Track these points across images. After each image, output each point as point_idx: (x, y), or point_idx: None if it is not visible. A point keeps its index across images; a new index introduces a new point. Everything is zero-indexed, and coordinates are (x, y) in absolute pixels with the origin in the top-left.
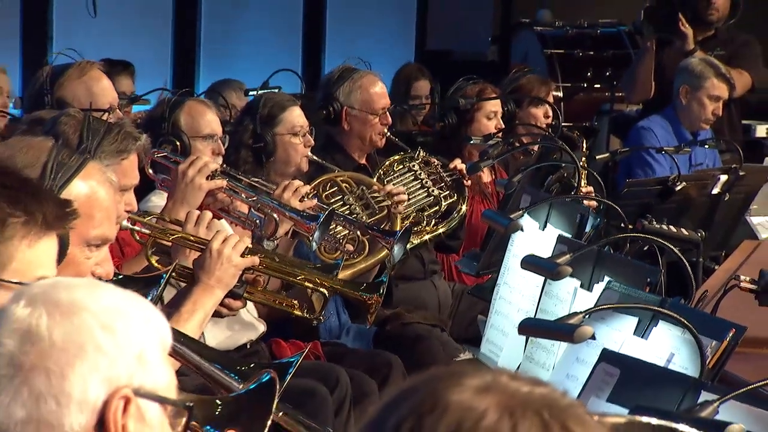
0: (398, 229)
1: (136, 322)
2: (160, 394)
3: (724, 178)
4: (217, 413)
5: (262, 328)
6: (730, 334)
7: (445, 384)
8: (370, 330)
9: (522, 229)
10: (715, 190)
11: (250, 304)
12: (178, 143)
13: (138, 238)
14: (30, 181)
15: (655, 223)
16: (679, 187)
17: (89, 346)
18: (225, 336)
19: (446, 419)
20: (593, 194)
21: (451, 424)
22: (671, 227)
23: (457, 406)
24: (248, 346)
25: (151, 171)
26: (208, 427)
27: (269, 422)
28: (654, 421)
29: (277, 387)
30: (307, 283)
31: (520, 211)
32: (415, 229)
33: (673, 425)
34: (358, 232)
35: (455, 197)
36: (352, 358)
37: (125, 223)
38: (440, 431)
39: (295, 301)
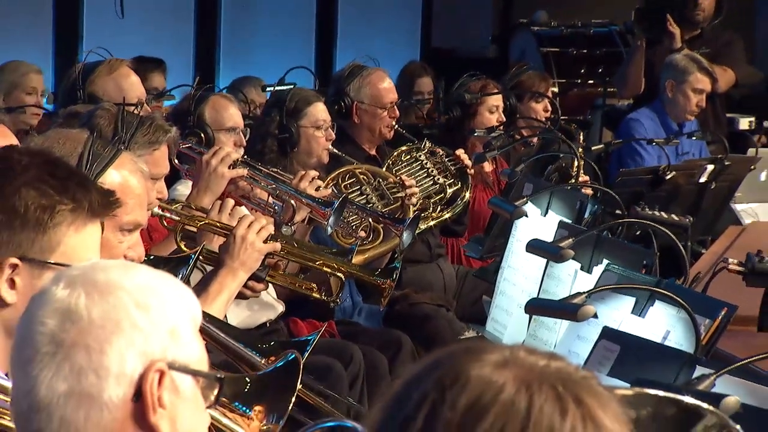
0: (409, 216)
1: (169, 300)
2: (192, 367)
3: (710, 167)
4: (246, 390)
5: (280, 308)
6: (722, 313)
7: (465, 359)
8: (381, 310)
9: (526, 215)
10: (702, 179)
11: (270, 286)
12: (202, 135)
13: (166, 224)
14: (77, 172)
15: (647, 209)
16: (668, 176)
17: (125, 323)
18: (246, 315)
19: (467, 392)
20: (589, 183)
21: (472, 397)
22: (662, 213)
23: (477, 380)
24: (267, 325)
25: (177, 161)
26: (237, 404)
27: (293, 399)
28: (660, 393)
29: (301, 366)
30: (325, 268)
31: (524, 199)
32: (422, 215)
33: (678, 397)
34: (371, 220)
35: (459, 185)
36: (365, 336)
37: (156, 210)
38: (461, 404)
39: (314, 285)
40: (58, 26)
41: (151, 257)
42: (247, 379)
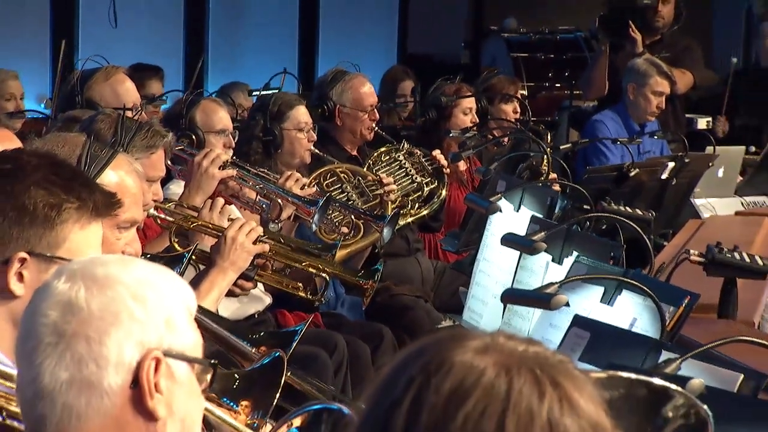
0: (388, 213)
1: (165, 291)
2: (187, 354)
3: (671, 165)
4: (234, 386)
5: (268, 300)
6: (686, 301)
7: (449, 346)
8: (363, 302)
9: (500, 211)
10: (664, 176)
11: None
12: (194, 137)
13: (160, 223)
14: (82, 173)
15: (612, 204)
16: (632, 173)
17: (123, 314)
18: (235, 307)
19: (451, 377)
20: (559, 180)
21: (455, 382)
22: (627, 208)
23: (459, 366)
24: (256, 316)
25: (169, 162)
26: (225, 399)
27: (278, 395)
28: (632, 375)
29: (285, 364)
30: (311, 269)
31: (498, 195)
32: (402, 211)
33: (648, 379)
34: (353, 217)
35: (436, 184)
36: (348, 327)
37: (152, 211)
38: (445, 388)
39: (300, 284)
40: (55, 35)
41: (147, 255)
42: (235, 375)
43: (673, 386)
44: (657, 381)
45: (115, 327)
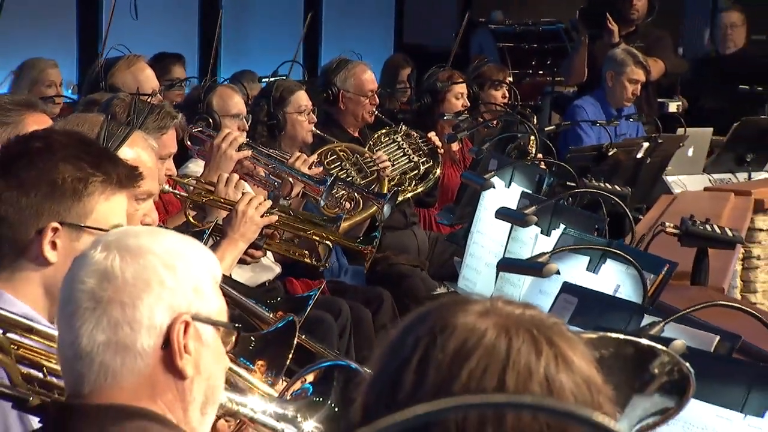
0: (385, 189)
1: (192, 261)
2: (213, 318)
3: (646, 145)
4: (250, 347)
5: (277, 269)
6: (665, 269)
7: (453, 310)
8: (365, 271)
9: (494, 187)
10: (639, 155)
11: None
12: (211, 120)
13: (179, 198)
14: (107, 149)
15: (593, 181)
16: (611, 153)
17: (154, 281)
18: (248, 276)
19: (455, 338)
20: (546, 159)
21: (459, 342)
22: (606, 184)
23: (463, 327)
24: (266, 284)
25: (189, 143)
26: (242, 359)
27: (291, 355)
28: (621, 336)
29: (297, 328)
30: (315, 237)
31: (491, 173)
32: (399, 189)
33: (635, 339)
34: (355, 193)
35: (431, 163)
36: (351, 293)
37: (167, 187)
38: (450, 347)
39: (306, 251)
40: (81, 26)
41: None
42: (252, 337)
43: (659, 346)
44: (644, 341)
45: (147, 293)
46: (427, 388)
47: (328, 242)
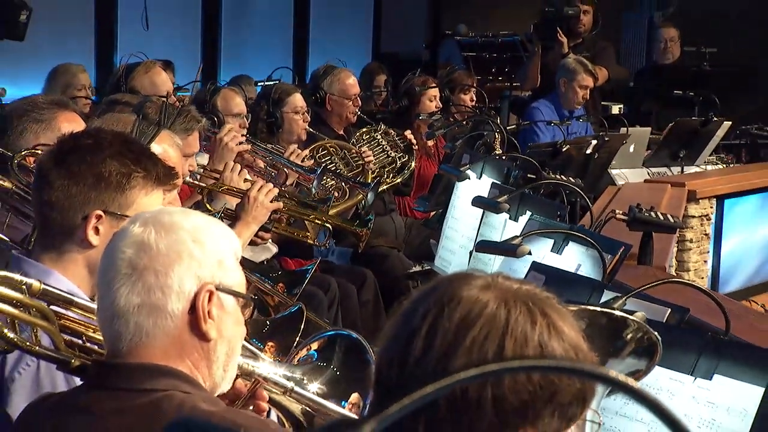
0: (369, 180)
1: (217, 237)
2: (234, 289)
3: (594, 142)
4: (263, 331)
5: (274, 249)
6: (621, 250)
7: (458, 284)
8: (349, 251)
9: (469, 178)
10: (588, 151)
11: None
12: (215, 119)
13: (198, 189)
14: (148, 149)
15: (551, 174)
16: (564, 149)
17: (184, 254)
18: (249, 255)
19: (460, 308)
20: (513, 154)
21: (464, 312)
22: (561, 177)
23: (467, 299)
24: (265, 263)
25: None
26: (254, 340)
27: (297, 338)
28: (597, 308)
29: (305, 315)
30: (317, 221)
31: (466, 166)
32: (380, 180)
33: (609, 310)
34: (343, 183)
35: (407, 157)
36: (339, 271)
37: (188, 179)
38: (456, 317)
39: (309, 233)
40: (98, 34)
41: None
42: (267, 322)
43: (630, 316)
44: (617, 312)
45: (178, 263)
46: (435, 352)
47: (328, 225)
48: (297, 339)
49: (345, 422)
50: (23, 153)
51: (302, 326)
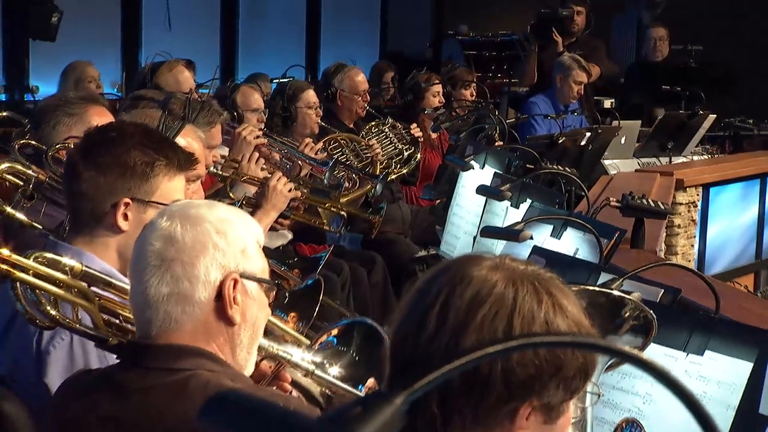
0: (378, 171)
1: (240, 228)
2: (257, 276)
3: (588, 134)
4: (285, 303)
5: (289, 235)
6: (616, 235)
7: (468, 264)
8: (359, 237)
9: (473, 168)
10: (583, 143)
11: None
12: (235, 114)
13: (220, 179)
14: (168, 138)
15: (548, 164)
16: (560, 141)
17: (209, 245)
18: (265, 242)
19: (471, 287)
20: (513, 145)
21: (474, 291)
22: (558, 167)
23: (477, 279)
24: (280, 248)
25: None
26: (278, 311)
27: (317, 308)
28: (596, 288)
29: (323, 285)
30: (332, 209)
31: (470, 156)
32: (388, 171)
33: (608, 291)
34: (353, 174)
35: (413, 149)
36: (350, 255)
37: (212, 170)
38: (467, 295)
39: (325, 220)
40: (124, 35)
41: None
42: (286, 294)
43: (627, 296)
44: (616, 292)
45: (204, 254)
46: (448, 328)
47: (343, 213)
48: (317, 309)
49: (376, 394)
50: (56, 146)
51: (321, 297)
